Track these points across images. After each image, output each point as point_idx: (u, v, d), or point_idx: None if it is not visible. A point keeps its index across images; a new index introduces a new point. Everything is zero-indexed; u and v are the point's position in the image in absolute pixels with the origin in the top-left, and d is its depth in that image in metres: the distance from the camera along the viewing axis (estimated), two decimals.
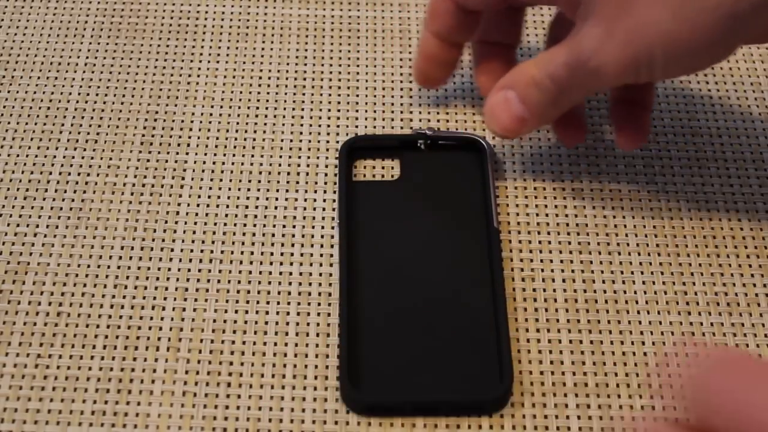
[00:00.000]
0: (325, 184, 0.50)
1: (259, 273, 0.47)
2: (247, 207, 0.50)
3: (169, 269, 0.47)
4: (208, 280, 0.47)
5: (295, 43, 0.56)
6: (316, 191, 0.50)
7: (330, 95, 0.54)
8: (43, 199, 0.50)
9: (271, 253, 0.48)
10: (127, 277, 0.47)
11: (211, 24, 0.57)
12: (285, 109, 0.53)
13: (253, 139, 0.52)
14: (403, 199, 0.50)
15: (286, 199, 0.50)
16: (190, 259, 0.48)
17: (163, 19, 0.57)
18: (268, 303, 0.46)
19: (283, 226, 0.49)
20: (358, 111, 0.53)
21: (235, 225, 0.49)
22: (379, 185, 0.50)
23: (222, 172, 0.51)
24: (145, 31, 0.57)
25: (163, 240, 0.48)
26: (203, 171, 0.51)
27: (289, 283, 0.47)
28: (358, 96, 0.54)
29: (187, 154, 0.51)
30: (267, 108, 0.53)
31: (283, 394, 0.44)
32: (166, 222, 0.49)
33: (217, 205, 0.50)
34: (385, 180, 0.51)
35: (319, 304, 0.46)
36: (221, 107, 0.53)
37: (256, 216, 0.49)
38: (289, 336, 0.45)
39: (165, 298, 0.46)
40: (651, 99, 0.50)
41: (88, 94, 0.54)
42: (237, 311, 0.46)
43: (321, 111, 0.53)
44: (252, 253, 0.48)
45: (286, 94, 0.54)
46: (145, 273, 0.47)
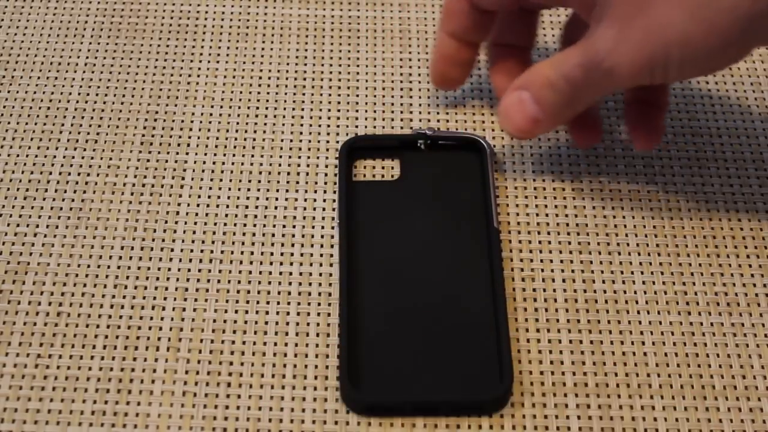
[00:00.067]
0: (325, 184, 0.50)
1: (259, 273, 0.47)
2: (247, 207, 0.50)
3: (169, 269, 0.47)
4: (208, 280, 0.47)
5: (295, 43, 0.56)
6: (316, 191, 0.50)
7: (330, 95, 0.54)
8: (43, 199, 0.50)
9: (271, 253, 0.48)
10: (127, 277, 0.47)
11: (211, 24, 0.57)
12: (285, 109, 0.53)
13: (253, 139, 0.52)
14: (403, 199, 0.49)
15: (286, 199, 0.50)
16: (190, 259, 0.48)
17: (163, 19, 0.57)
18: (268, 303, 0.46)
19: (283, 226, 0.49)
20: (358, 111, 0.53)
21: (235, 225, 0.49)
22: (379, 185, 0.50)
23: (222, 172, 0.51)
24: (145, 31, 0.57)
25: (163, 240, 0.48)
26: (203, 171, 0.51)
27: (289, 283, 0.47)
28: (358, 96, 0.54)
29: (187, 154, 0.51)
30: (267, 108, 0.53)
31: (283, 394, 0.44)
32: (166, 222, 0.49)
33: (217, 205, 0.50)
34: (385, 180, 0.51)
35: (319, 304, 0.46)
36: (221, 107, 0.53)
37: (256, 216, 0.49)
38: (289, 336, 0.45)
39: (165, 298, 0.46)
40: (666, 99, 0.50)
41: (88, 94, 0.54)
42: (237, 311, 0.46)
43: (321, 111, 0.53)
44: (252, 253, 0.48)
45: (286, 94, 0.54)
46: (145, 273, 0.47)
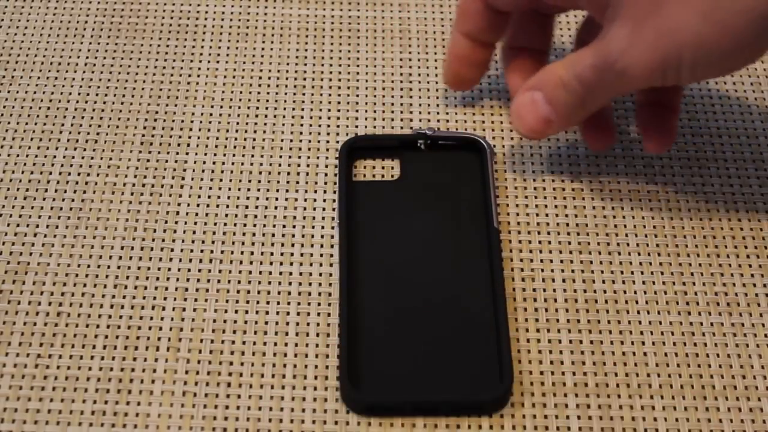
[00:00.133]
0: (325, 184, 0.50)
1: (259, 273, 0.47)
2: (247, 207, 0.50)
3: (169, 269, 0.47)
4: (208, 280, 0.47)
5: (295, 43, 0.56)
6: (316, 191, 0.50)
7: (330, 95, 0.54)
8: (43, 199, 0.50)
9: (271, 253, 0.48)
10: (127, 277, 0.47)
11: (211, 24, 0.57)
12: (285, 109, 0.53)
13: (253, 139, 0.52)
14: (403, 199, 0.49)
15: (286, 199, 0.50)
16: (190, 259, 0.48)
17: (163, 19, 0.57)
18: (268, 303, 0.46)
19: (283, 226, 0.49)
20: (358, 111, 0.53)
21: (235, 225, 0.49)
22: (379, 185, 0.50)
23: (222, 172, 0.51)
24: (145, 31, 0.57)
25: (163, 240, 0.48)
26: (203, 171, 0.51)
27: (289, 283, 0.47)
28: (358, 96, 0.54)
29: (187, 154, 0.51)
30: (267, 108, 0.53)
31: (283, 394, 0.44)
32: (166, 222, 0.49)
33: (217, 205, 0.50)
34: (385, 180, 0.51)
35: (319, 304, 0.46)
36: (221, 107, 0.53)
37: (256, 216, 0.49)
38: (289, 336, 0.45)
39: (165, 298, 0.46)
40: (678, 101, 0.50)
41: (88, 94, 0.54)
42: (237, 311, 0.46)
43: (321, 111, 0.53)
44: (252, 253, 0.48)
45: (286, 94, 0.54)
46: (145, 273, 0.47)
